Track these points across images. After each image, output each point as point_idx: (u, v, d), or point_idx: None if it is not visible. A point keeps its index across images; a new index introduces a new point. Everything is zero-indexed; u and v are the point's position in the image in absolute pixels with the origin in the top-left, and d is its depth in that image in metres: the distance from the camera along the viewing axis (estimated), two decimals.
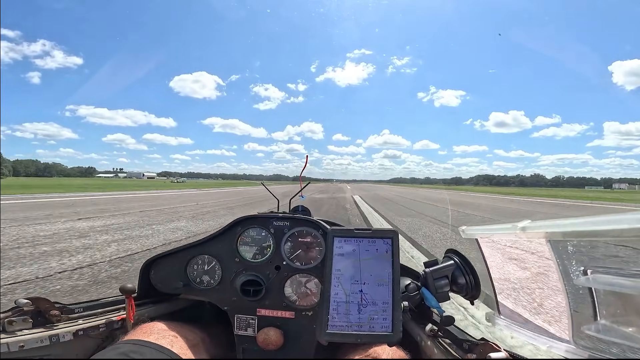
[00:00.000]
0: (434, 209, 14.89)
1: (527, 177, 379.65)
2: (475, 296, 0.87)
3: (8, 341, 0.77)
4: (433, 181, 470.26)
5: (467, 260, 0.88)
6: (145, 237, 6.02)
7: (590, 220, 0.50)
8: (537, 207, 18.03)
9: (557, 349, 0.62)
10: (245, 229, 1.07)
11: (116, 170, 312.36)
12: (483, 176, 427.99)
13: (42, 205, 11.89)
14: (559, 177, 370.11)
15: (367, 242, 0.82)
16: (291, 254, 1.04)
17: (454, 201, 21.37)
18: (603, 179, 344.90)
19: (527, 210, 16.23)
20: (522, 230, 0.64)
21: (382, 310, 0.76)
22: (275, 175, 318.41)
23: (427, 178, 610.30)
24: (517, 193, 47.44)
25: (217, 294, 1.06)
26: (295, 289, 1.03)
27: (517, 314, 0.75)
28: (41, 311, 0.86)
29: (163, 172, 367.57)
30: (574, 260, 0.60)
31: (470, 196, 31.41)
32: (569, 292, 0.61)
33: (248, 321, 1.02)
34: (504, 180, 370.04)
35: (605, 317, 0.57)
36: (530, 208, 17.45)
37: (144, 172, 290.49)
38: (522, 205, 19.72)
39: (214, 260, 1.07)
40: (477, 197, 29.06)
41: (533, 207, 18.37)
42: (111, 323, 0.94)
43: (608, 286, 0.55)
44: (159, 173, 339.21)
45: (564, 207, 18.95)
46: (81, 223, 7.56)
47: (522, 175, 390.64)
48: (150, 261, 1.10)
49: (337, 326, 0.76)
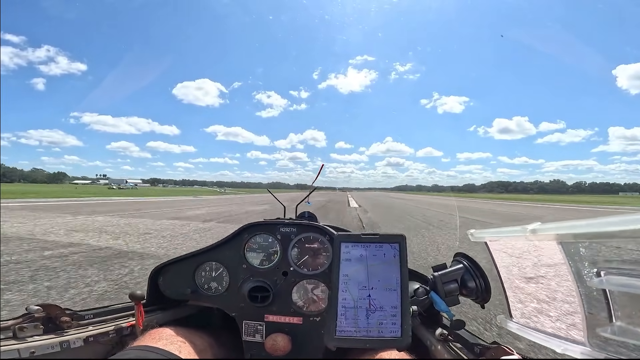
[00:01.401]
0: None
1: (547, 183, 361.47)
2: (486, 300, 0.87)
3: (19, 347, 0.77)
4: (441, 189, 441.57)
5: (477, 264, 0.88)
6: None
7: (601, 221, 0.50)
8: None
9: (572, 351, 0.61)
10: (252, 236, 1.08)
11: (99, 177, 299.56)
12: (497, 182, 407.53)
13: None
14: (580, 183, 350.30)
15: (375, 247, 0.82)
16: (298, 259, 1.04)
17: (512, 216, 17.06)
18: (627, 184, 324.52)
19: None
20: (533, 232, 0.64)
21: (391, 315, 0.76)
22: (274, 183, 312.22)
23: (435, 185, 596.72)
24: (549, 200, 44.11)
25: (224, 300, 1.06)
26: (302, 295, 1.02)
27: (529, 317, 0.74)
28: (52, 317, 0.87)
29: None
30: (586, 262, 0.60)
31: (507, 205, 27.98)
32: (582, 294, 0.60)
33: (256, 327, 1.02)
34: (521, 186, 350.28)
35: (621, 319, 0.56)
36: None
37: (127, 178, 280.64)
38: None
39: (221, 267, 1.07)
40: (517, 207, 23.99)
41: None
42: (121, 329, 0.95)
43: (622, 287, 0.54)
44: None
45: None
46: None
47: (541, 182, 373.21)
48: (158, 268, 1.10)
49: (345, 331, 0.75)
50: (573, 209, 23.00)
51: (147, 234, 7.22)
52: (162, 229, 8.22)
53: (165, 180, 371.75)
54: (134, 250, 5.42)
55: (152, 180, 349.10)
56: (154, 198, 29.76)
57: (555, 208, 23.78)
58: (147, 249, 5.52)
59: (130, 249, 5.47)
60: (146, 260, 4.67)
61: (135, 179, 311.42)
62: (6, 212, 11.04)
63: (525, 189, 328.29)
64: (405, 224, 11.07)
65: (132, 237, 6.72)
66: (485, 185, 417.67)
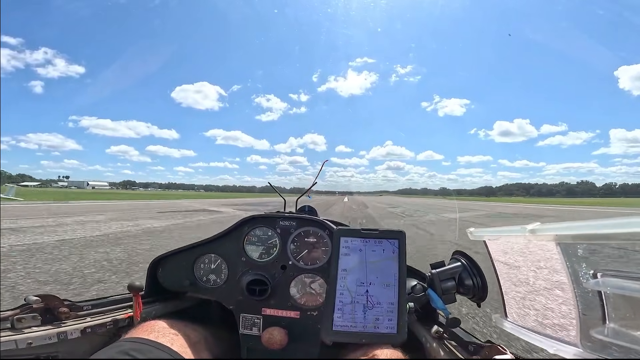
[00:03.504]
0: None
1: (575, 184, 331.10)
2: (483, 298, 0.87)
3: (16, 338, 0.77)
4: (447, 192, 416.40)
5: (475, 262, 0.88)
6: None
7: (601, 223, 0.50)
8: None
9: (565, 352, 0.62)
10: (252, 229, 1.08)
11: (60, 178, 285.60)
12: (518, 184, 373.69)
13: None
14: (610, 185, 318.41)
15: (374, 243, 0.82)
16: (297, 253, 1.05)
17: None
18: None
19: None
20: (532, 232, 0.64)
21: (388, 311, 0.77)
22: (268, 187, 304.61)
23: (443, 188, 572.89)
24: (591, 203, 38.15)
25: (223, 292, 1.06)
26: (300, 289, 1.03)
27: (524, 317, 0.75)
28: (50, 308, 0.87)
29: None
30: (583, 263, 0.60)
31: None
32: (577, 295, 0.61)
33: (253, 320, 1.02)
34: (546, 188, 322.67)
35: (614, 321, 0.56)
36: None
37: (90, 180, 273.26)
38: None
39: (220, 259, 1.08)
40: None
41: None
42: (118, 321, 0.95)
43: (618, 289, 0.54)
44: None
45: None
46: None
47: (568, 183, 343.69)
48: (157, 259, 1.10)
49: (341, 326, 0.76)
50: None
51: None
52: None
53: (144, 184, 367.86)
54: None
55: (125, 183, 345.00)
56: (79, 202, 24.34)
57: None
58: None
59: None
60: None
61: (102, 182, 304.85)
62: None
63: (550, 192, 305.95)
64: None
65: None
66: (502, 187, 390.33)
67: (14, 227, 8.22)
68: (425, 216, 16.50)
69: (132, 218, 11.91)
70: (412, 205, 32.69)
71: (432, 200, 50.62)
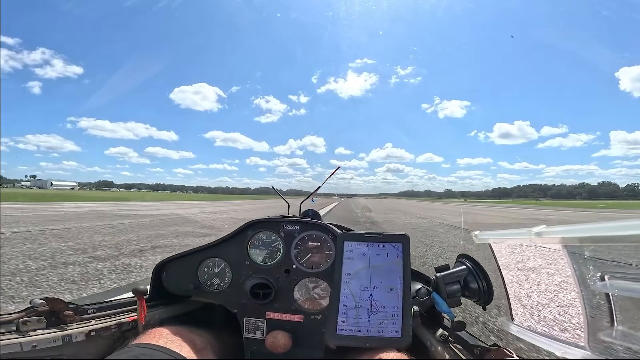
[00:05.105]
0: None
1: (596, 185, 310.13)
2: (488, 302, 0.87)
3: (21, 341, 0.77)
4: (453, 194, 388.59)
5: (480, 265, 0.88)
6: None
7: (607, 226, 0.50)
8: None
9: (572, 355, 0.61)
10: (256, 233, 1.08)
11: (27, 178, 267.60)
12: (532, 186, 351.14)
13: None
14: (633, 186, 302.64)
15: (378, 247, 0.82)
16: (301, 257, 1.05)
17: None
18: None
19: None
20: (537, 235, 0.64)
21: (392, 315, 0.76)
22: (263, 189, 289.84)
23: (448, 190, 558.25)
24: (622, 206, 34.69)
25: (227, 296, 1.06)
26: (304, 293, 1.03)
27: (530, 320, 0.75)
28: (55, 311, 0.87)
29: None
30: (590, 265, 0.60)
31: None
32: (585, 297, 0.61)
33: (257, 324, 1.02)
34: (565, 190, 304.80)
35: (622, 323, 0.56)
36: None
37: (53, 180, 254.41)
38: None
39: (224, 263, 1.08)
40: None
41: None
42: (122, 324, 0.95)
43: (626, 292, 0.54)
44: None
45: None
46: None
47: (588, 184, 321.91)
48: (162, 263, 1.11)
49: (346, 330, 0.76)
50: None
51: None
52: None
53: (128, 185, 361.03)
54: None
55: (101, 183, 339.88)
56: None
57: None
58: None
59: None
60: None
61: (68, 182, 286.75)
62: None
63: (570, 194, 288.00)
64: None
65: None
66: (514, 188, 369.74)
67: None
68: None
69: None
70: (450, 214, 19.54)
71: (448, 206, 40.10)
